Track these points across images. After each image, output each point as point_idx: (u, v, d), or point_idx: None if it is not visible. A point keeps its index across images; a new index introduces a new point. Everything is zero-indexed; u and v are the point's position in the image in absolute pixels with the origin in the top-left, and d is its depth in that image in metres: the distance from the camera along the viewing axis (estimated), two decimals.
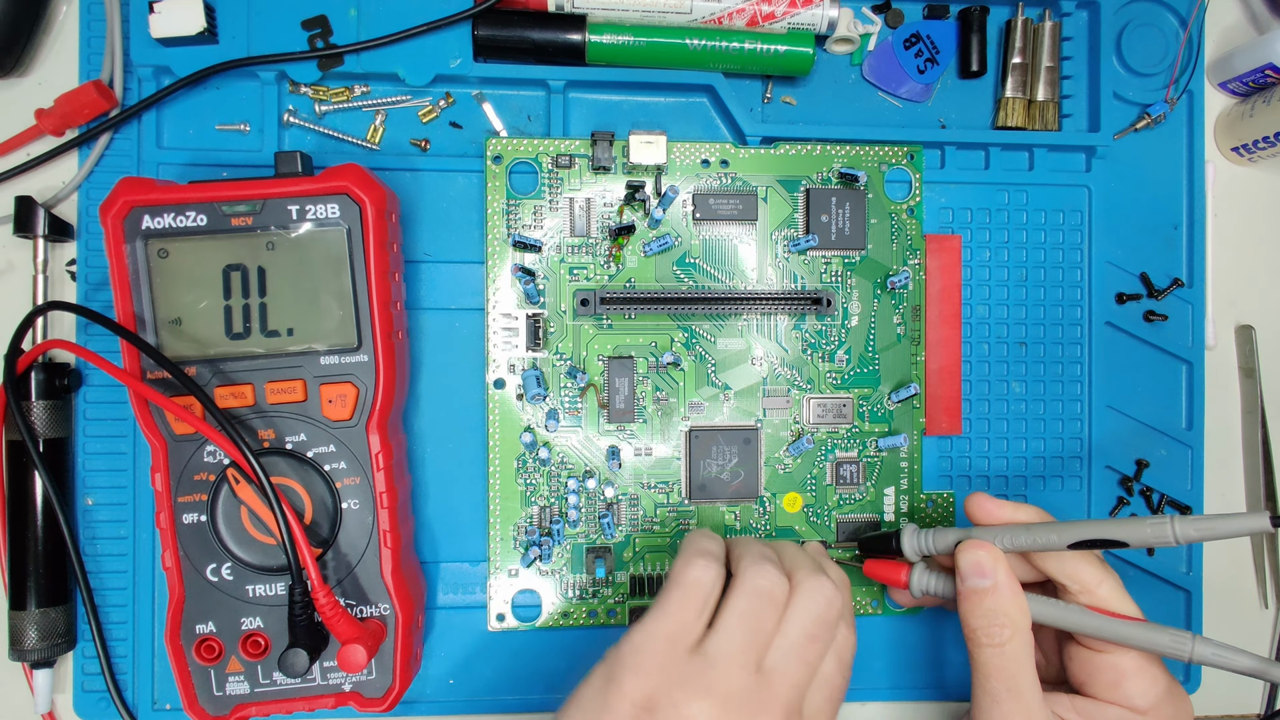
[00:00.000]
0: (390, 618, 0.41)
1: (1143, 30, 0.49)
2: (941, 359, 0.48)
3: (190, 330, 0.40)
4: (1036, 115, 0.49)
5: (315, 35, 0.44)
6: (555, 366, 0.46)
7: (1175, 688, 0.40)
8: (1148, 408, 0.49)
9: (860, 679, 0.48)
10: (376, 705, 0.41)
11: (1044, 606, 0.39)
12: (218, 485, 0.40)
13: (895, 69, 0.48)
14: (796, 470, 0.47)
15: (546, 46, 0.45)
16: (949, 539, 0.41)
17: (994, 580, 0.39)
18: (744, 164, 0.47)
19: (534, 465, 0.46)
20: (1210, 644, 0.38)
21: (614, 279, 0.46)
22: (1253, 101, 0.49)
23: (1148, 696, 0.39)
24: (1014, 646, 0.38)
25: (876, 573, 0.44)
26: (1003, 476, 0.49)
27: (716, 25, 0.45)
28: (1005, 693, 0.38)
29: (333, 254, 0.40)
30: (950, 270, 0.48)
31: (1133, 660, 0.39)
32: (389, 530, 0.41)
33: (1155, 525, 0.37)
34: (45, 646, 0.43)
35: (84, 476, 0.45)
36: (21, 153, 0.46)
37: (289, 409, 0.40)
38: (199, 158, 0.45)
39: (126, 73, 0.45)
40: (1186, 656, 0.38)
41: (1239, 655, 0.38)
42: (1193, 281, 0.49)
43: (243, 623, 0.40)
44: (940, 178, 0.48)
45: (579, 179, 0.46)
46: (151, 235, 0.40)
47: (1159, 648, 0.38)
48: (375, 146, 0.46)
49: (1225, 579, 0.51)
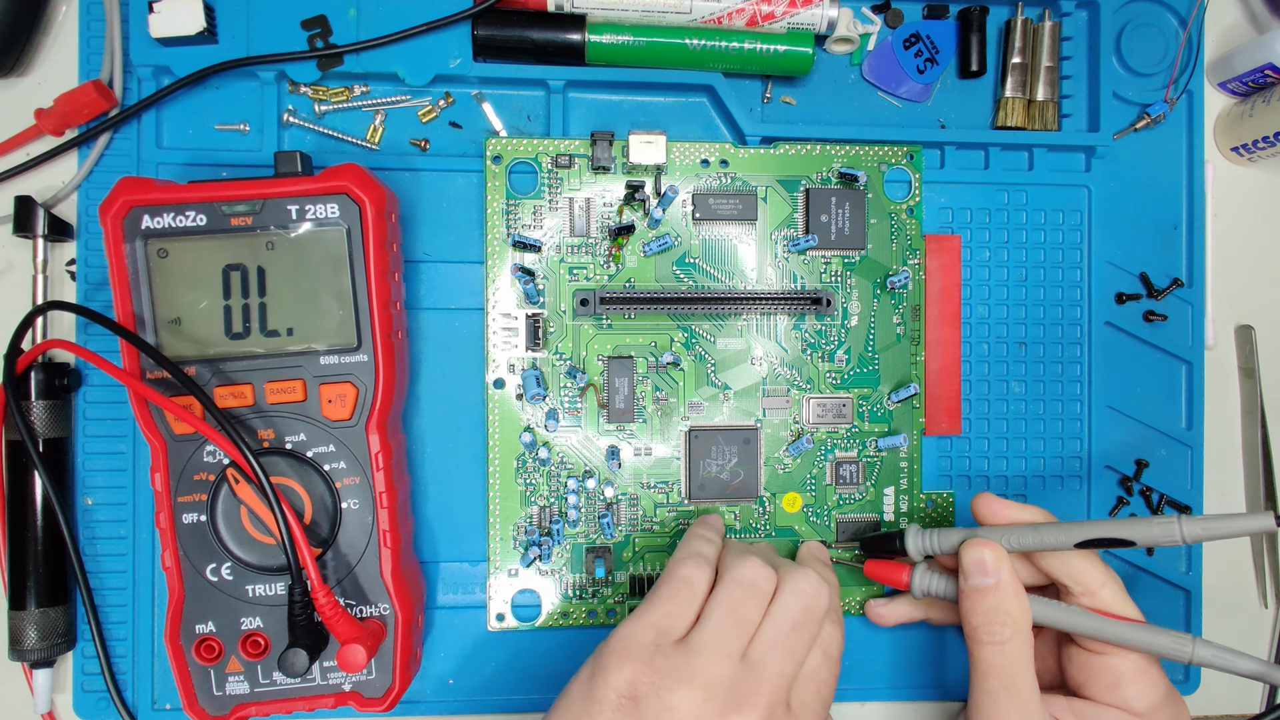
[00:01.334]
0: (390, 618, 0.41)
1: (1142, 30, 0.49)
2: (941, 359, 0.48)
3: (190, 330, 0.40)
4: (1036, 115, 0.49)
5: (315, 35, 0.44)
6: (555, 366, 0.46)
7: (1173, 693, 0.41)
8: (1147, 408, 0.49)
9: (860, 679, 0.48)
10: (376, 705, 0.41)
11: (1046, 608, 0.39)
12: (217, 485, 0.40)
13: (895, 69, 0.48)
14: (796, 470, 0.47)
15: (546, 46, 0.45)
16: (953, 539, 0.41)
17: (997, 579, 0.39)
18: (744, 164, 0.47)
19: (534, 465, 0.46)
20: (1210, 646, 0.38)
21: (614, 279, 0.46)
22: (1252, 101, 0.49)
23: (1145, 700, 0.39)
24: (1013, 646, 0.38)
25: (878, 573, 0.44)
26: (1002, 476, 0.49)
27: (716, 25, 0.45)
28: (1003, 691, 0.38)
29: (332, 254, 0.40)
30: (950, 270, 0.48)
31: (1131, 663, 0.39)
32: (389, 530, 0.41)
33: (1163, 525, 0.37)
34: (45, 646, 0.43)
35: (84, 476, 0.45)
36: (21, 152, 0.46)
37: (288, 409, 0.40)
38: (199, 158, 0.45)
39: (126, 73, 0.45)
40: (1187, 659, 0.38)
41: (1240, 658, 0.38)
42: (1192, 281, 0.49)
43: (242, 623, 0.40)
44: (940, 178, 0.48)
45: (579, 179, 0.46)
46: (151, 235, 0.40)
47: (1159, 650, 0.38)
48: (375, 146, 0.46)
49: (1225, 579, 0.51)
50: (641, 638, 0.35)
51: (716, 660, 0.35)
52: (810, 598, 0.38)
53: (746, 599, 0.37)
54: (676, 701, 0.34)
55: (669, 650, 0.35)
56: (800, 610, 0.37)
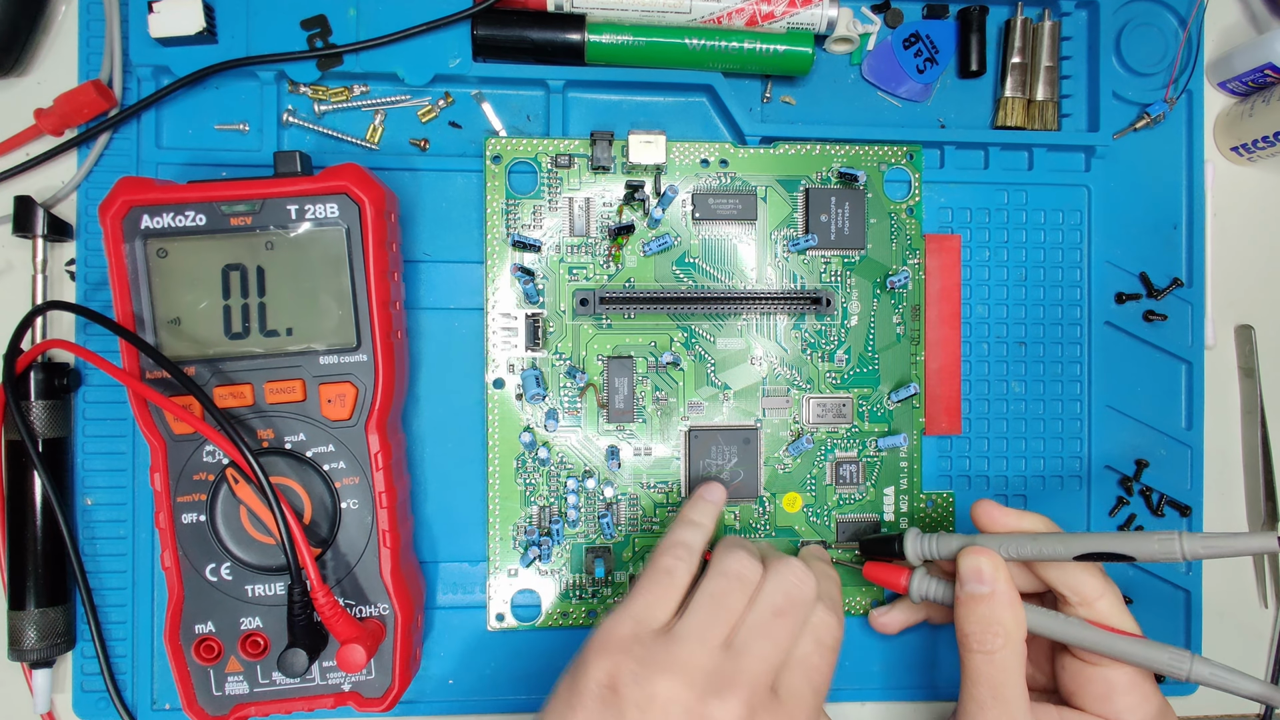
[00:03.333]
0: (390, 618, 0.41)
1: (1142, 30, 0.49)
2: (941, 359, 0.48)
3: (189, 330, 0.40)
4: (1036, 115, 0.49)
5: (314, 35, 0.44)
6: (554, 366, 0.46)
7: (1166, 709, 0.40)
8: (1147, 408, 0.49)
9: (853, 679, 0.48)
10: (376, 705, 0.41)
11: (1042, 617, 0.39)
12: (217, 485, 0.40)
13: (895, 69, 0.48)
14: (796, 470, 0.47)
15: (546, 46, 0.45)
16: (952, 545, 0.41)
17: (992, 588, 0.39)
18: (743, 164, 0.47)
19: (533, 465, 0.46)
20: (1209, 664, 0.37)
21: (613, 279, 0.46)
22: (1252, 101, 0.49)
23: (1137, 714, 0.39)
24: (1004, 655, 0.38)
25: (877, 576, 0.44)
26: (1002, 476, 0.49)
27: (716, 25, 0.45)
28: (991, 700, 0.38)
29: (332, 254, 0.40)
30: (950, 270, 0.48)
31: (1125, 675, 0.39)
32: (388, 530, 0.41)
33: (1163, 540, 0.37)
34: (44, 646, 0.43)
35: (83, 476, 0.45)
36: (21, 152, 0.46)
37: (288, 409, 0.40)
38: (198, 157, 0.45)
39: (126, 72, 0.45)
40: (1184, 675, 0.37)
41: (1240, 678, 0.37)
42: (1192, 281, 0.49)
43: (242, 623, 0.40)
44: (940, 177, 0.48)
45: (578, 179, 0.46)
46: (151, 235, 0.40)
47: (1157, 665, 0.38)
48: (374, 146, 0.46)
49: (1225, 580, 0.51)
50: (621, 629, 0.36)
51: (697, 648, 0.35)
52: (794, 586, 0.37)
53: (730, 588, 0.37)
54: (657, 689, 0.34)
55: (648, 640, 0.35)
56: (783, 597, 0.37)
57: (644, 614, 0.36)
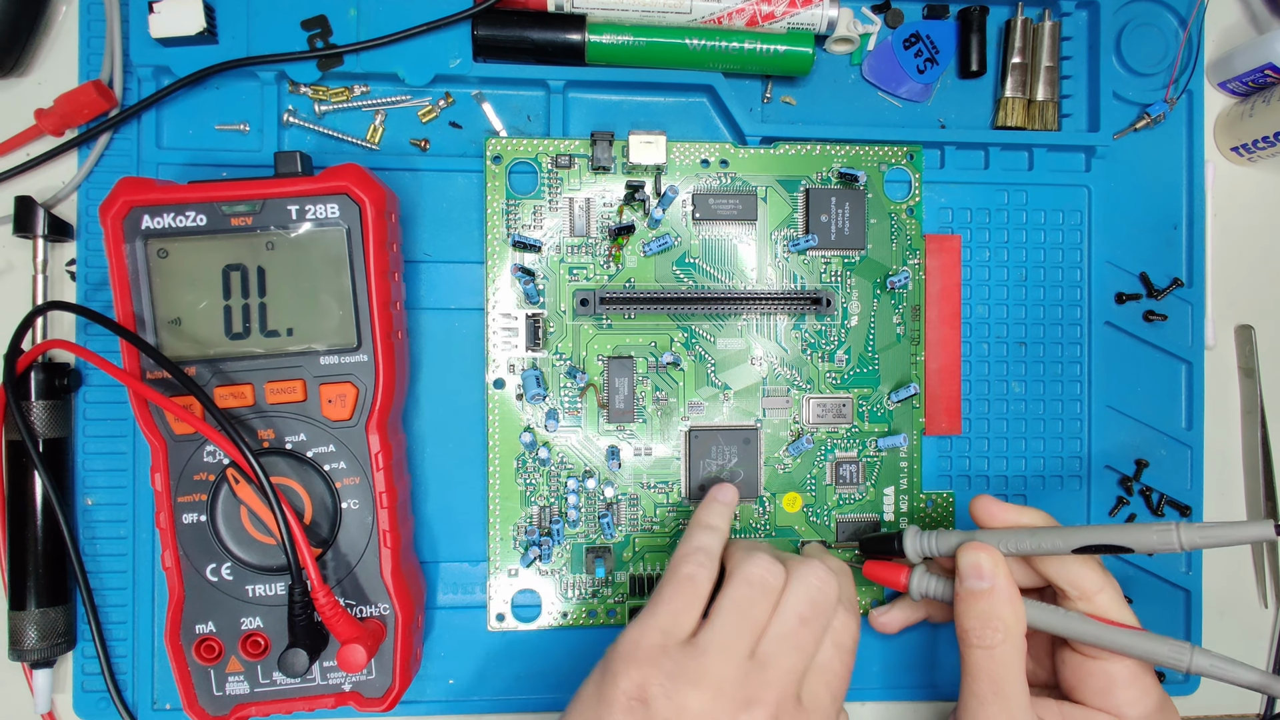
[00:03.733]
0: (390, 618, 0.41)
1: (1142, 30, 0.49)
2: (941, 359, 0.48)
3: (190, 330, 0.40)
4: (1036, 115, 0.49)
5: (315, 35, 0.44)
6: (555, 366, 0.46)
7: (1166, 703, 0.40)
8: (1147, 408, 0.49)
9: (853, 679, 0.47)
10: (376, 705, 0.41)
11: (1041, 612, 0.39)
12: (217, 485, 0.40)
13: (895, 69, 0.48)
14: (796, 470, 0.47)
15: (546, 46, 0.45)
16: (951, 541, 0.41)
17: (992, 583, 0.39)
18: (743, 164, 0.47)
19: (534, 465, 0.46)
20: (1209, 655, 0.37)
21: (614, 279, 0.46)
22: (1252, 101, 0.49)
23: (1137, 707, 0.39)
24: (1004, 650, 0.38)
25: (876, 574, 0.44)
26: (1002, 476, 0.49)
27: (716, 25, 0.45)
28: (991, 695, 0.38)
29: (332, 254, 0.40)
30: (950, 270, 0.48)
31: (1126, 669, 0.39)
32: (389, 530, 0.41)
33: (1161, 531, 0.37)
34: (45, 646, 0.43)
35: (84, 476, 0.45)
36: (21, 153, 0.46)
37: (288, 409, 0.40)
38: (199, 158, 0.45)
39: (126, 73, 0.45)
40: (1185, 667, 0.37)
41: (1239, 668, 0.37)
42: (1192, 281, 0.49)
43: (242, 623, 0.40)
44: (940, 178, 0.48)
45: (579, 179, 0.46)
46: (151, 235, 0.40)
47: (1157, 658, 0.38)
48: (375, 146, 0.46)
49: (1225, 579, 0.51)
50: (648, 640, 0.35)
51: (724, 659, 0.35)
52: (817, 591, 0.38)
53: (755, 597, 0.37)
54: (687, 703, 0.34)
55: (676, 651, 0.35)
56: (808, 604, 0.37)
57: (670, 624, 0.36)
